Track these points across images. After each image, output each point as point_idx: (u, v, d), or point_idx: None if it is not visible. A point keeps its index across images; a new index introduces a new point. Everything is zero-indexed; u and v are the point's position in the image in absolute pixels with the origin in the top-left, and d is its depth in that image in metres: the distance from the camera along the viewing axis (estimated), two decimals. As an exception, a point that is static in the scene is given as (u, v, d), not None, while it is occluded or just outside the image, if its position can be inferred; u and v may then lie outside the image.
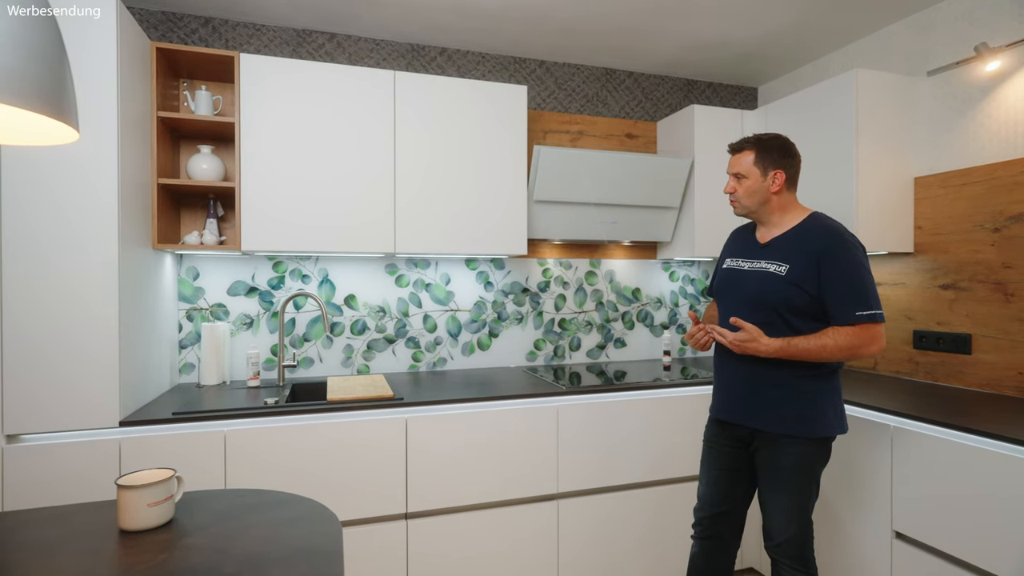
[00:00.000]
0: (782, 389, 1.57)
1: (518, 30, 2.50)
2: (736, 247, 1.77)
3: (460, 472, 2.02)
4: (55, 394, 1.67)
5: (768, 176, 1.63)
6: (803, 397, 1.56)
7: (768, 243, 1.66)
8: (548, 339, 2.85)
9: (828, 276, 1.51)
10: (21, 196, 1.63)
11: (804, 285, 1.53)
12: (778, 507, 1.60)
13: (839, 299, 1.50)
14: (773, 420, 1.58)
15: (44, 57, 0.73)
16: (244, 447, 1.81)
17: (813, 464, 1.58)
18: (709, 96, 3.16)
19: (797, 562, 1.60)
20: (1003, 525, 1.51)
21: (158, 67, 2.02)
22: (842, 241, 1.53)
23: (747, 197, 1.65)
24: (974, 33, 2.15)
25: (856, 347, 1.49)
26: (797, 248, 1.57)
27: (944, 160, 2.26)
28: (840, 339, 1.49)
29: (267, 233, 2.09)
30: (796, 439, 1.56)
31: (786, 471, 1.58)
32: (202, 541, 0.99)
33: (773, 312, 1.57)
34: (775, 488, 1.61)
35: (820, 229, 1.58)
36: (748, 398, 1.63)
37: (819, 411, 1.56)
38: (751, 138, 1.68)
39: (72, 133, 0.84)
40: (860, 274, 1.51)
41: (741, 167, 1.65)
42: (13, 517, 1.09)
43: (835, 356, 1.51)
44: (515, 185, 2.42)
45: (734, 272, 1.71)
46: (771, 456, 1.60)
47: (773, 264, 1.60)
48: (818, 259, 1.52)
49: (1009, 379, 2.02)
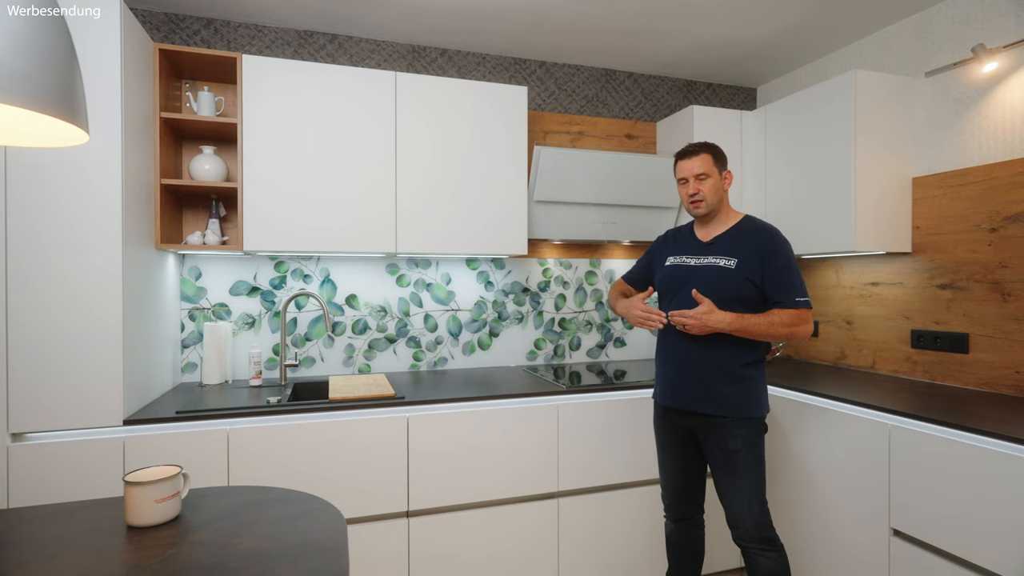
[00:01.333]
0: (723, 375, 1.73)
1: (518, 31, 2.52)
2: (676, 246, 1.91)
3: (461, 471, 2.04)
4: (59, 393, 1.68)
5: (723, 175, 1.81)
6: (742, 381, 1.73)
7: (712, 241, 1.82)
8: (548, 338, 2.87)
9: (771, 269, 1.70)
10: (26, 197, 1.64)
11: (752, 277, 1.71)
12: (737, 492, 1.73)
13: (781, 287, 1.70)
14: (717, 404, 1.73)
15: (55, 60, 0.74)
16: (247, 445, 1.82)
17: (758, 442, 1.75)
18: (708, 97, 3.17)
19: (767, 544, 1.73)
20: (1000, 523, 1.52)
21: (161, 68, 2.03)
22: (779, 239, 1.75)
23: (712, 194, 1.79)
24: (972, 34, 2.16)
25: (794, 325, 1.68)
26: (741, 245, 1.75)
27: (942, 161, 2.28)
28: (784, 316, 1.68)
29: (269, 233, 2.11)
30: (740, 420, 1.72)
31: (738, 454, 1.72)
32: (208, 537, 1.00)
33: (723, 302, 1.72)
34: (731, 473, 1.74)
35: (759, 229, 1.78)
36: (692, 385, 1.77)
37: (756, 393, 1.75)
38: (701, 143, 1.83)
39: (82, 135, 0.85)
40: (795, 267, 1.72)
41: (701, 167, 1.79)
42: (20, 514, 1.10)
43: (778, 332, 1.67)
44: (515, 185, 2.43)
45: (681, 268, 1.84)
46: (722, 441, 1.74)
47: (722, 259, 1.76)
48: (762, 254, 1.71)
49: (1006, 378, 2.04)
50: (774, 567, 1.72)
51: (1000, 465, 1.53)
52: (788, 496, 2.23)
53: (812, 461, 2.12)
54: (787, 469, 2.23)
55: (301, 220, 2.14)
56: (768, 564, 1.72)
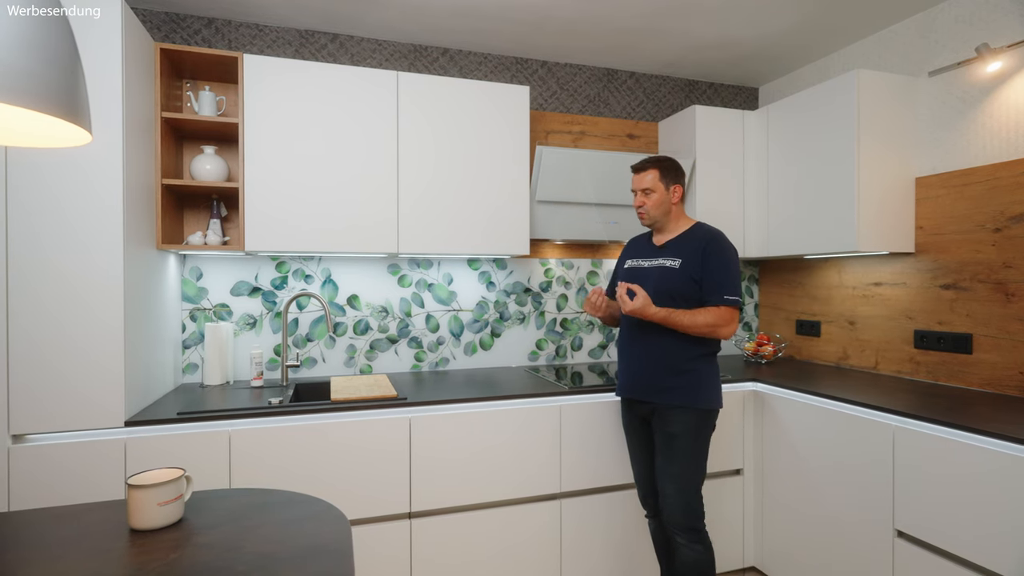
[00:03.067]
0: (674, 367, 1.85)
1: (520, 31, 2.51)
2: (635, 251, 2.06)
3: (463, 472, 2.03)
4: (60, 394, 1.67)
5: (670, 190, 1.93)
6: (691, 374, 1.85)
7: (663, 245, 1.96)
8: (550, 339, 2.86)
9: (707, 267, 1.84)
10: (26, 198, 1.63)
11: (692, 275, 1.85)
12: (669, 476, 1.85)
13: (712, 284, 1.83)
14: (666, 393, 1.85)
15: (58, 59, 0.73)
16: (248, 447, 1.81)
17: (700, 431, 1.85)
18: (710, 96, 3.16)
19: (691, 535, 1.83)
20: (1005, 524, 1.52)
21: (162, 67, 2.03)
22: (720, 242, 1.87)
23: (655, 208, 1.93)
24: (975, 34, 2.16)
25: (716, 324, 1.80)
26: (686, 247, 1.89)
27: (945, 160, 2.27)
28: (707, 316, 1.80)
29: (270, 233, 2.10)
30: (685, 409, 1.84)
31: (678, 439, 1.84)
32: (212, 540, 0.99)
33: (668, 298, 1.85)
34: (668, 456, 1.86)
35: (704, 233, 1.91)
36: (647, 377, 1.90)
37: (701, 385, 1.85)
38: (651, 159, 1.95)
39: (85, 135, 0.84)
40: (731, 269, 1.84)
41: (648, 183, 1.93)
42: (23, 516, 1.10)
43: (699, 328, 1.80)
44: (517, 185, 2.42)
45: (636, 270, 1.99)
46: (664, 425, 1.87)
47: (669, 260, 1.90)
48: (702, 254, 1.85)
49: (1010, 378, 2.03)
50: (697, 559, 1.83)
51: (1005, 466, 1.52)
52: (791, 498, 2.22)
53: (815, 462, 2.11)
54: (789, 470, 2.23)
55: (302, 220, 2.13)
56: (692, 556, 1.83)
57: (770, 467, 2.33)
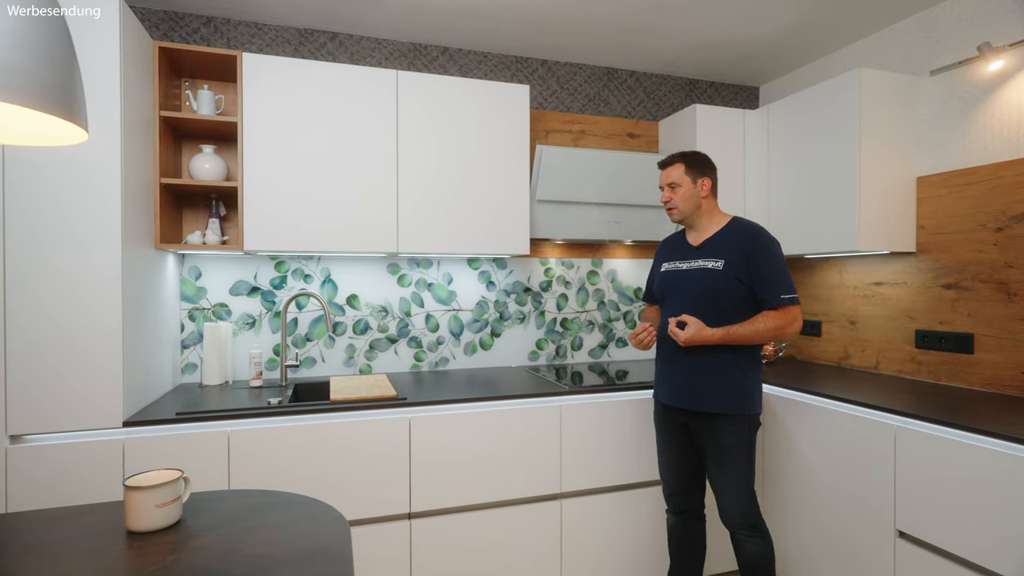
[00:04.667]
0: (719, 376, 1.80)
1: (520, 30, 2.50)
2: (670, 253, 1.99)
3: (463, 472, 2.02)
4: (58, 394, 1.66)
5: (698, 183, 1.88)
6: (734, 381, 1.80)
7: (701, 244, 1.89)
8: (550, 339, 2.85)
9: (756, 267, 1.77)
10: (24, 197, 1.63)
11: (738, 276, 1.78)
12: (727, 484, 1.83)
13: (766, 286, 1.76)
14: (710, 403, 1.81)
15: (54, 57, 0.72)
16: (248, 447, 1.80)
17: (749, 437, 1.83)
18: (711, 95, 3.16)
19: (752, 531, 1.83)
20: (1007, 524, 1.51)
21: (160, 66, 2.01)
22: (763, 238, 1.81)
23: (683, 203, 1.88)
24: (977, 32, 2.15)
25: (781, 327, 1.75)
26: (727, 246, 1.82)
27: (947, 160, 2.26)
28: (769, 322, 1.75)
29: (269, 233, 2.09)
30: (732, 417, 1.80)
31: (730, 449, 1.81)
32: (210, 542, 0.98)
33: (715, 301, 1.80)
34: (722, 467, 1.83)
35: (744, 229, 1.84)
36: (691, 386, 1.84)
37: (747, 392, 1.82)
38: (677, 154, 1.91)
39: (81, 134, 0.83)
40: (780, 265, 1.78)
41: (674, 177, 1.89)
42: (20, 518, 1.09)
43: (765, 336, 1.76)
44: (517, 185, 2.41)
45: (674, 273, 1.92)
46: (713, 435, 1.82)
47: (710, 261, 1.83)
48: (747, 254, 1.78)
49: (1011, 378, 2.03)
50: (759, 552, 1.83)
51: (1007, 467, 1.51)
52: (792, 498, 2.22)
53: (817, 462, 2.10)
54: (791, 470, 2.22)
55: (302, 220, 2.12)
56: (754, 550, 1.83)
57: (770, 466, 2.32)
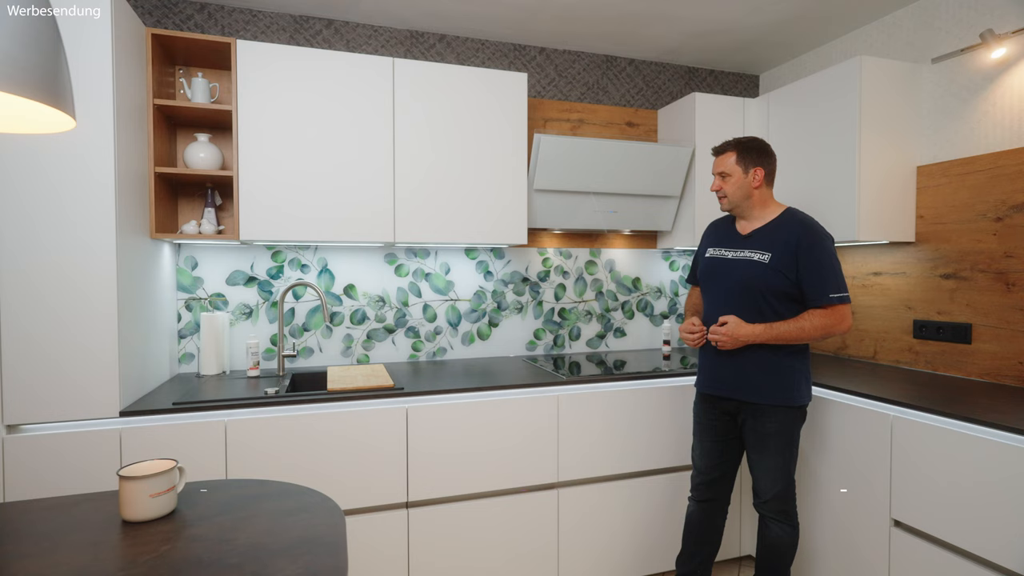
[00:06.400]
0: (764, 366, 1.78)
1: (518, 17, 2.47)
2: (717, 238, 1.95)
3: (461, 461, 2.03)
4: (55, 384, 1.66)
5: (749, 173, 1.81)
6: (782, 372, 1.78)
7: (749, 234, 1.84)
8: (548, 328, 2.85)
9: (804, 263, 1.72)
10: (17, 186, 1.61)
11: (784, 271, 1.73)
12: (765, 469, 1.83)
13: (814, 283, 1.71)
14: (757, 393, 1.79)
15: (39, 44, 0.71)
16: (245, 437, 1.81)
17: (792, 429, 1.81)
18: (710, 84, 3.13)
19: (782, 516, 1.84)
20: (1002, 514, 1.52)
21: (153, 54, 1.99)
22: (815, 233, 1.74)
23: (733, 192, 1.83)
24: (979, 20, 2.13)
25: (829, 327, 1.71)
26: (776, 239, 1.77)
27: (947, 149, 2.25)
28: (815, 320, 1.71)
29: (266, 222, 2.08)
30: (778, 408, 1.78)
31: (771, 437, 1.80)
32: (205, 532, 0.98)
33: (758, 294, 1.76)
34: (762, 453, 1.82)
35: (796, 222, 1.78)
36: (735, 376, 1.83)
37: (793, 382, 1.79)
38: (732, 140, 1.86)
39: (69, 121, 0.82)
40: (831, 262, 1.72)
41: (725, 166, 1.84)
42: (15, 507, 1.09)
43: (812, 336, 1.72)
44: (515, 174, 2.40)
45: (718, 261, 1.89)
46: (757, 424, 1.81)
47: (756, 253, 1.79)
48: (796, 249, 1.73)
49: (1009, 368, 2.02)
50: (785, 538, 1.84)
51: (1002, 456, 1.52)
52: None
53: (813, 451, 2.11)
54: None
55: (298, 209, 2.11)
56: (780, 533, 1.84)
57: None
